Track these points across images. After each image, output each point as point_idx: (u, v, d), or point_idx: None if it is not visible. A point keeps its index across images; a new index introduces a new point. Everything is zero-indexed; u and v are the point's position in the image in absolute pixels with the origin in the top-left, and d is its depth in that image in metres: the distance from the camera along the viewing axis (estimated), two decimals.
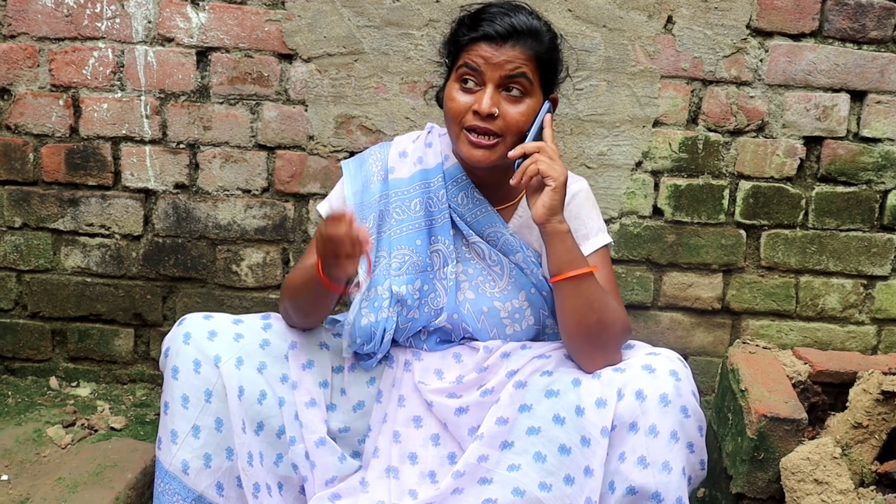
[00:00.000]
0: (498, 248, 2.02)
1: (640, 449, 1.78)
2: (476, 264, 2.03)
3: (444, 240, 2.01)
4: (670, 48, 2.53)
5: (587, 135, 2.56)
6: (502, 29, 1.85)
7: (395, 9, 2.50)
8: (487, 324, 2.01)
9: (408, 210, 2.01)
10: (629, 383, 1.81)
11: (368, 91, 2.55)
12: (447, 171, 2.03)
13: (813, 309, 2.68)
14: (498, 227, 2.02)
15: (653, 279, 2.67)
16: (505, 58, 1.85)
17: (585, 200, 2.05)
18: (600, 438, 1.78)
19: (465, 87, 1.88)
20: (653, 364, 1.84)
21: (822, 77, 2.55)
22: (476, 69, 1.86)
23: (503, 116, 1.86)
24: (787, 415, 2.06)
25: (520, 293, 2.02)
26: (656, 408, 1.78)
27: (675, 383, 1.80)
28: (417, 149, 2.07)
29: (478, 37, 1.87)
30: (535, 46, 1.89)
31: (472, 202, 2.02)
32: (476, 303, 2.01)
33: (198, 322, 1.94)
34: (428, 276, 2.00)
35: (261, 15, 2.52)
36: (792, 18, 2.51)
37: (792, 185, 2.62)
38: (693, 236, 2.63)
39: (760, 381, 2.22)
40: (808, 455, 1.98)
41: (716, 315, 2.70)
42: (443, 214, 2.01)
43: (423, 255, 1.99)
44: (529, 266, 2.02)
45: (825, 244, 2.64)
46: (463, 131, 1.88)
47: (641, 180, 2.61)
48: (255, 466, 1.88)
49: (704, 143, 2.59)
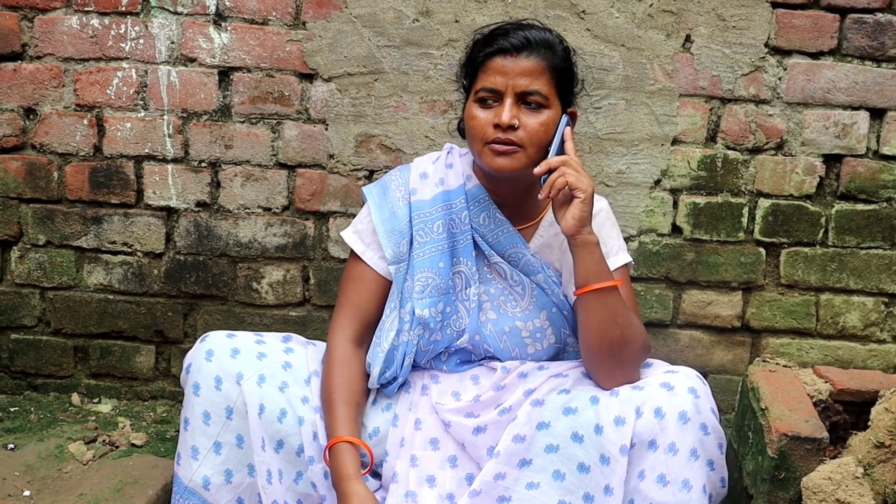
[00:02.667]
0: (519, 268, 2.03)
1: (660, 467, 1.78)
2: (497, 284, 2.04)
3: (466, 261, 2.02)
4: (689, 67, 2.54)
5: (606, 153, 2.57)
6: (517, 41, 1.89)
7: (414, 29, 2.52)
8: (509, 343, 2.02)
9: (430, 232, 2.01)
10: (648, 401, 1.81)
11: (388, 110, 2.57)
12: (469, 192, 2.04)
13: (833, 327, 2.67)
14: (519, 248, 2.02)
15: (672, 297, 2.66)
16: (521, 69, 1.88)
17: (606, 220, 2.07)
18: (619, 457, 1.77)
19: (485, 106, 1.91)
20: (671, 382, 1.84)
21: (841, 95, 2.55)
22: (494, 90, 1.89)
23: (523, 127, 1.88)
24: (808, 434, 2.05)
25: (541, 312, 2.02)
26: (675, 425, 1.78)
27: (693, 401, 1.80)
28: (438, 170, 2.07)
29: (493, 51, 1.90)
30: (550, 57, 1.92)
31: (493, 223, 2.03)
32: (498, 323, 2.01)
33: (221, 340, 1.96)
34: (450, 299, 2.00)
35: (282, 35, 2.55)
36: (810, 37, 2.52)
37: (811, 202, 2.61)
38: (712, 254, 2.63)
39: (781, 400, 2.20)
40: (830, 475, 1.96)
41: (735, 333, 2.69)
42: (465, 236, 2.02)
43: (445, 278, 2.00)
44: (550, 286, 2.02)
45: (845, 262, 2.63)
46: (486, 146, 1.90)
47: (660, 198, 2.61)
48: (273, 484, 1.89)
49: (723, 161, 2.59)
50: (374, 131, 2.59)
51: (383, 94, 2.56)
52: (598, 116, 2.56)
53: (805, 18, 2.51)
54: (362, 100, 2.57)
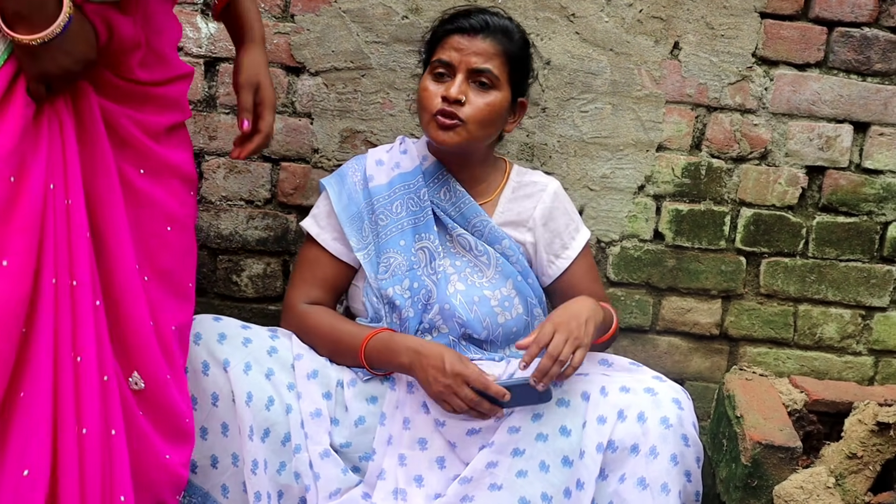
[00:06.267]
0: (484, 237, 2.09)
1: (640, 471, 1.80)
2: (462, 257, 2.09)
3: (428, 236, 2.06)
4: (676, 74, 2.54)
5: (591, 157, 2.57)
6: (476, 23, 2.01)
7: (403, 25, 2.51)
8: (480, 313, 2.04)
9: (390, 214, 2.08)
10: (632, 405, 1.84)
11: (374, 106, 2.56)
12: (426, 171, 2.12)
13: (811, 338, 2.68)
14: (482, 217, 2.10)
15: (652, 303, 2.67)
16: (476, 49, 1.99)
17: (564, 197, 2.21)
18: (594, 453, 1.80)
19: (439, 80, 2.02)
20: (656, 388, 1.88)
21: (826, 107, 2.56)
22: (448, 63, 2.00)
23: (469, 103, 1.98)
24: (781, 442, 2.06)
25: (507, 281, 2.08)
26: (657, 430, 1.81)
27: (678, 411, 1.84)
28: (393, 156, 2.15)
29: (452, 29, 2.02)
30: (506, 43, 2.03)
31: (454, 195, 2.10)
32: (467, 293, 2.04)
33: (209, 324, 1.97)
34: (416, 274, 2.04)
35: (270, 27, 2.53)
36: (797, 48, 2.53)
37: (793, 213, 2.62)
38: (693, 261, 2.64)
39: (756, 409, 2.22)
40: (802, 483, 1.98)
41: (714, 341, 2.70)
42: (426, 212, 2.08)
43: (407, 255, 2.04)
44: (515, 253, 2.10)
45: (825, 274, 2.65)
46: (433, 118, 1.99)
47: (643, 204, 2.61)
48: (258, 474, 1.89)
49: (707, 169, 2.60)
50: (360, 127, 2.58)
51: (370, 90, 2.56)
52: (585, 120, 2.56)
53: (793, 30, 2.52)
54: (349, 95, 2.56)
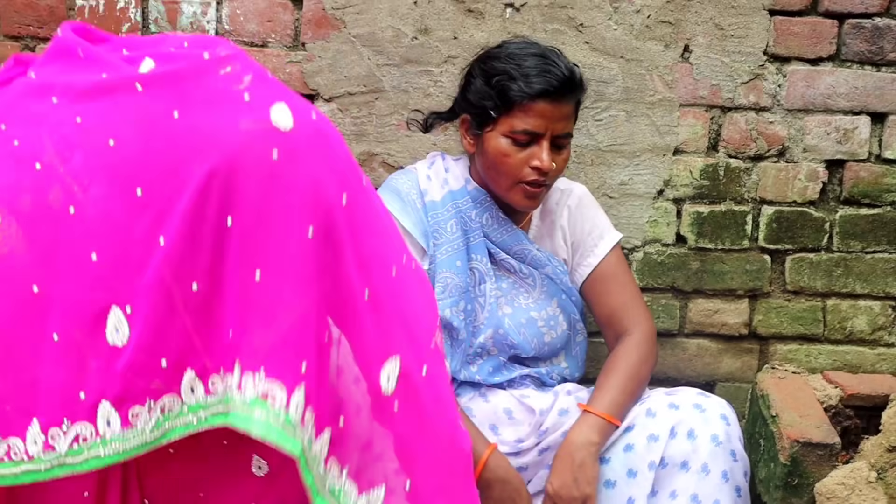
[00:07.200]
0: (527, 262, 2.09)
1: (692, 487, 1.82)
2: (508, 279, 2.08)
3: (479, 257, 2.06)
4: (688, 77, 2.54)
5: (608, 165, 2.58)
6: (560, 85, 1.92)
7: (413, 47, 2.53)
8: (528, 335, 2.05)
9: (445, 232, 2.05)
10: (682, 422, 1.86)
11: (390, 128, 2.58)
12: (472, 194, 2.09)
13: (841, 332, 2.67)
14: (525, 245, 2.09)
15: (678, 306, 2.66)
16: (561, 114, 1.94)
17: (589, 201, 2.19)
18: (647, 472, 1.81)
19: (518, 144, 1.94)
20: (704, 405, 1.90)
21: (842, 100, 2.55)
22: (534, 133, 1.93)
23: (555, 165, 1.96)
24: (819, 440, 2.05)
25: (552, 300, 2.08)
26: (707, 447, 1.83)
27: (725, 427, 1.86)
28: (438, 173, 2.13)
29: (537, 94, 1.91)
30: (579, 94, 2.01)
31: (496, 222, 2.08)
32: (514, 316, 2.05)
33: None
34: (469, 296, 2.03)
35: (282, 57, 2.56)
36: (809, 43, 2.52)
37: (815, 208, 2.61)
38: (717, 262, 2.63)
39: (791, 407, 2.20)
40: (843, 480, 1.96)
41: (743, 341, 2.68)
42: (476, 233, 2.06)
43: (463, 276, 2.02)
44: (559, 276, 2.10)
45: (851, 267, 2.63)
46: (519, 184, 1.96)
47: (664, 208, 2.61)
48: None
49: (725, 169, 2.59)
50: (377, 150, 2.59)
51: (384, 113, 2.57)
52: (599, 129, 2.56)
53: (803, 25, 2.52)
54: (364, 119, 2.58)
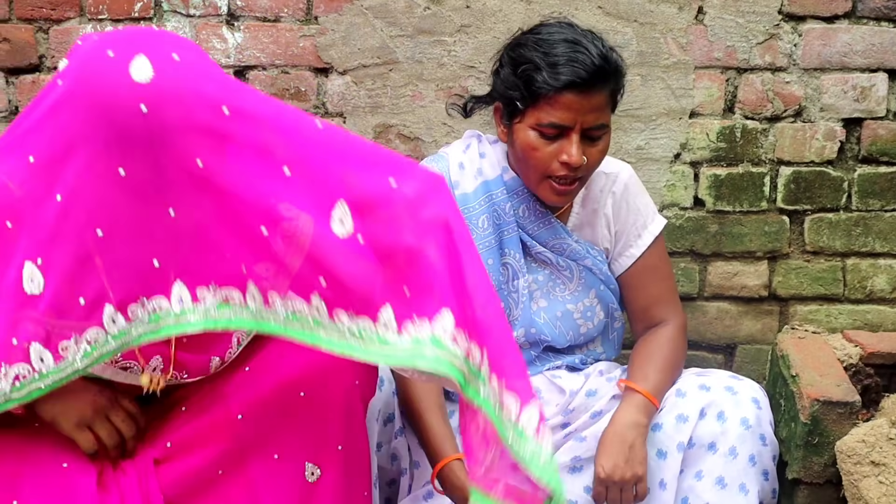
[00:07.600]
0: (565, 255, 2.00)
1: (719, 469, 1.82)
2: (544, 271, 2.02)
3: (513, 253, 1.97)
4: (702, 39, 2.53)
5: (624, 130, 2.57)
6: (589, 75, 1.77)
7: (426, 17, 2.53)
8: (563, 328, 2.02)
9: (476, 228, 1.94)
10: (712, 404, 1.86)
11: (405, 99, 2.58)
12: (508, 184, 1.98)
13: (861, 291, 2.66)
14: (563, 238, 1.99)
15: (698, 270, 2.66)
16: (591, 105, 1.80)
17: (635, 187, 2.05)
18: (675, 453, 1.82)
19: (546, 137, 1.82)
20: (735, 387, 1.89)
21: (858, 58, 2.53)
22: (561, 126, 1.80)
23: (586, 159, 1.83)
24: (840, 398, 2.06)
25: (590, 291, 2.03)
26: (737, 430, 1.83)
27: (756, 411, 1.85)
28: (473, 160, 2.01)
29: (563, 86, 1.78)
30: (613, 83, 1.85)
31: (534, 214, 1.98)
32: (549, 309, 2.01)
33: None
34: (502, 293, 1.96)
35: (295, 31, 2.56)
36: (824, 1, 2.50)
37: (833, 168, 2.60)
38: (736, 225, 2.63)
39: (811, 366, 2.21)
40: (864, 437, 1.97)
41: (763, 302, 2.69)
42: (510, 227, 1.97)
43: (495, 274, 1.94)
44: (598, 266, 2.02)
45: (870, 226, 2.62)
46: (547, 179, 1.85)
47: (681, 172, 2.61)
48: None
49: (742, 131, 2.58)
50: (392, 121, 2.60)
51: (399, 84, 2.58)
52: None
53: None
54: (378, 91, 2.58)
